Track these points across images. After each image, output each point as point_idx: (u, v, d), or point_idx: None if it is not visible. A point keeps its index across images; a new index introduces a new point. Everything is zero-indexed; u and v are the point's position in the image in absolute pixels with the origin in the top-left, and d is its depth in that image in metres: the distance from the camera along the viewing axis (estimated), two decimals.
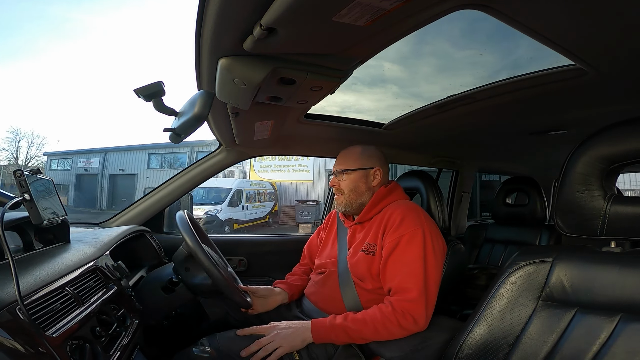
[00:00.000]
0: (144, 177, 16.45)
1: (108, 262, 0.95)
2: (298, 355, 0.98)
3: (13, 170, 0.72)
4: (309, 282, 1.29)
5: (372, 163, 1.21)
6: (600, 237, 0.74)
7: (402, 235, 1.04)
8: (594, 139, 0.76)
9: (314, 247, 1.41)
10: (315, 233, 1.46)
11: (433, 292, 1.01)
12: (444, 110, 1.20)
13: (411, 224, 1.05)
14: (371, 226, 1.14)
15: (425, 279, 0.99)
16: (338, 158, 1.25)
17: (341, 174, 1.21)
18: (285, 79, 0.80)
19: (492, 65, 1.00)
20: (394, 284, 1.01)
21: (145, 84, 0.72)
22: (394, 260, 1.03)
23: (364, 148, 1.24)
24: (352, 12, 0.56)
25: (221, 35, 0.64)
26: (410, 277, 0.99)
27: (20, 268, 0.65)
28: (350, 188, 1.19)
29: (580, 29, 0.67)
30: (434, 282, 1.01)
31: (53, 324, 0.61)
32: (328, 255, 1.26)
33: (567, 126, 1.35)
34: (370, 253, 1.09)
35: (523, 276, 0.82)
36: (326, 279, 1.19)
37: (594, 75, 0.85)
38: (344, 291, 1.12)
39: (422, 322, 0.97)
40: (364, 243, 1.13)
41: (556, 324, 0.75)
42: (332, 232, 1.32)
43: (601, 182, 0.74)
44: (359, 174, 1.20)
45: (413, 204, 1.16)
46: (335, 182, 1.22)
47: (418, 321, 0.96)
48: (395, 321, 0.96)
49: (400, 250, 1.03)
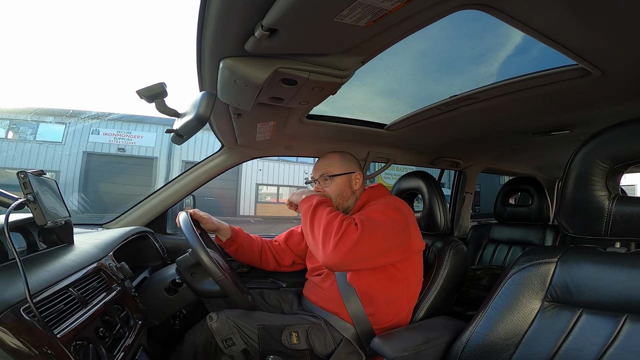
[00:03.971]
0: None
1: (111, 263, 0.96)
2: (296, 339, 1.01)
3: (17, 172, 0.72)
4: (307, 282, 1.29)
5: (353, 167, 1.24)
6: (605, 237, 0.73)
7: (365, 211, 1.09)
8: (597, 139, 0.75)
9: (296, 236, 1.42)
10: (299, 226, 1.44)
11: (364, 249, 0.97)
12: (447, 110, 1.20)
13: (375, 205, 1.10)
14: None
15: (371, 231, 0.97)
16: (318, 164, 1.27)
17: (327, 179, 1.22)
18: (287, 79, 0.80)
19: (494, 65, 0.99)
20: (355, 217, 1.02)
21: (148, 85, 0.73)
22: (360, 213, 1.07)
23: (342, 154, 1.27)
24: (353, 13, 0.56)
25: (223, 36, 0.64)
26: (365, 218, 1.00)
27: (25, 269, 0.65)
28: (337, 193, 1.21)
29: (584, 30, 0.67)
30: (373, 245, 0.98)
31: (58, 325, 0.61)
32: None
33: (570, 126, 1.34)
34: None
35: (527, 277, 0.82)
36: (324, 280, 1.19)
37: (598, 76, 0.84)
38: (343, 291, 1.12)
39: (331, 254, 0.95)
40: None
41: (561, 324, 0.74)
42: None
43: (605, 182, 0.74)
44: (343, 179, 1.22)
45: (389, 197, 1.17)
46: (319, 188, 1.23)
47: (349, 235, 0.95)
48: (337, 224, 0.97)
49: (367, 208, 1.10)
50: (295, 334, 1.02)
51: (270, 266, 1.39)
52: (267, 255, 1.37)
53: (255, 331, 1.03)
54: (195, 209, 1.23)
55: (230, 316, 1.03)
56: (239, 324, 1.03)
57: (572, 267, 0.77)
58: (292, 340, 1.01)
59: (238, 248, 1.30)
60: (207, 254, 0.95)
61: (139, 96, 0.71)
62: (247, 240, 1.32)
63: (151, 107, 0.75)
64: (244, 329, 1.03)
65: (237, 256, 1.34)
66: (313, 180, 1.27)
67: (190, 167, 1.57)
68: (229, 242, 1.28)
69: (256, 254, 1.34)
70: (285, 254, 1.40)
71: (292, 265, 1.42)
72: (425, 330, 1.04)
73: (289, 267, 1.42)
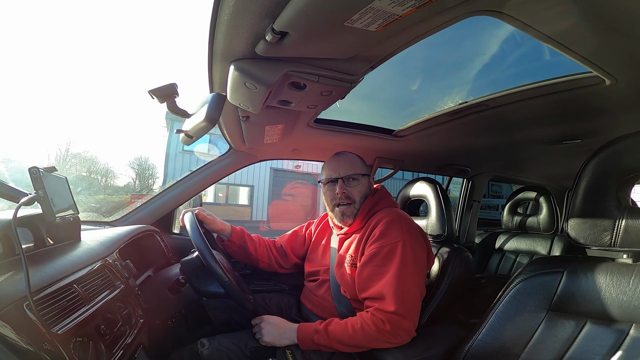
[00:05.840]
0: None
1: (117, 260, 0.96)
2: (291, 356, 0.98)
3: (28, 168, 0.73)
4: (304, 287, 1.27)
5: (367, 169, 1.19)
6: (613, 248, 0.72)
7: (382, 247, 1.01)
8: (609, 149, 0.74)
9: (300, 238, 1.39)
10: (303, 227, 1.43)
11: (412, 303, 0.97)
12: (456, 117, 1.19)
13: (392, 236, 1.02)
14: (356, 235, 1.12)
15: (404, 292, 0.95)
16: (340, 163, 1.16)
17: (354, 180, 1.13)
18: (296, 83, 0.80)
19: (505, 72, 0.98)
20: (371, 293, 0.98)
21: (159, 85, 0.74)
22: (372, 271, 1.00)
23: (355, 154, 1.21)
24: (364, 18, 0.56)
25: (234, 39, 0.65)
26: (387, 288, 0.95)
27: (31, 264, 0.66)
28: (363, 194, 1.14)
29: (598, 37, 0.66)
30: (413, 294, 0.98)
31: (60, 321, 0.61)
32: (320, 263, 1.24)
33: (582, 135, 1.32)
34: (353, 265, 1.08)
35: (533, 286, 0.81)
36: (319, 287, 1.18)
37: (612, 84, 0.83)
38: (337, 299, 1.10)
39: (404, 335, 0.94)
40: (348, 254, 1.11)
41: (565, 333, 0.74)
42: (323, 237, 1.30)
43: (616, 193, 0.73)
44: (367, 180, 1.17)
45: (398, 212, 1.10)
46: (345, 190, 1.12)
47: (399, 333, 0.93)
48: (374, 329, 0.93)
49: (378, 262, 1.00)
50: (289, 352, 0.99)
51: (270, 268, 1.37)
52: (268, 256, 1.34)
53: (248, 354, 1.00)
54: (200, 209, 1.21)
55: (223, 343, 1.00)
56: (231, 351, 0.99)
57: (580, 277, 0.76)
58: (287, 359, 0.99)
59: (239, 249, 1.28)
60: (214, 258, 0.94)
61: (151, 96, 0.72)
62: (249, 241, 1.30)
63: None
64: (236, 356, 0.99)
65: (238, 256, 1.32)
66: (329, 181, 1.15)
67: (198, 168, 1.59)
68: (230, 242, 1.27)
69: (256, 255, 1.32)
70: (286, 256, 1.38)
71: (293, 268, 1.40)
72: (427, 337, 1.02)
73: (289, 269, 1.40)
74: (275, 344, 0.99)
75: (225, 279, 0.94)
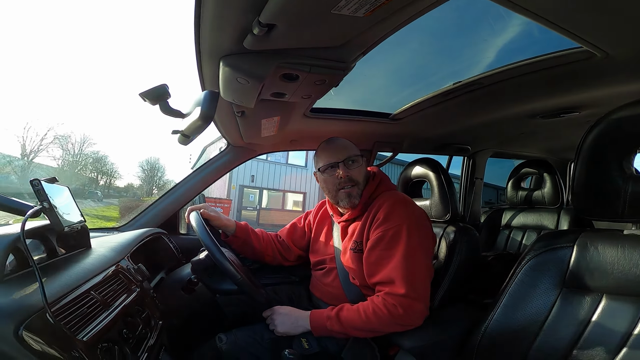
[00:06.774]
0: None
1: (129, 265, 0.98)
2: (307, 344, 1.00)
3: (30, 180, 0.73)
4: (312, 277, 1.28)
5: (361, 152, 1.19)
6: (621, 219, 0.71)
7: (387, 230, 1.02)
8: (609, 118, 0.73)
9: (299, 230, 1.39)
10: (301, 219, 1.42)
11: (422, 284, 0.98)
12: (451, 97, 1.18)
13: (396, 219, 1.02)
14: (358, 222, 1.13)
15: (412, 274, 0.96)
16: (337, 148, 1.14)
17: (354, 162, 1.12)
18: (288, 74, 0.80)
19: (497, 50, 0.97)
20: (380, 277, 0.99)
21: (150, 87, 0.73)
22: (379, 255, 1.01)
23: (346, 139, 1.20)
24: (350, 4, 0.56)
25: (220, 35, 0.65)
26: (395, 272, 0.96)
27: (46, 274, 0.67)
28: (364, 175, 1.15)
29: (586, 12, 0.65)
30: (422, 275, 0.99)
31: (82, 328, 0.62)
32: (324, 252, 1.25)
33: (578, 108, 1.31)
34: (359, 251, 1.09)
35: (544, 262, 0.80)
36: (326, 275, 1.19)
37: (603, 57, 0.82)
38: (346, 288, 1.12)
39: (418, 317, 0.95)
40: (352, 241, 1.11)
41: (581, 310, 0.73)
42: (324, 226, 1.30)
43: (619, 162, 0.71)
44: (364, 161, 1.17)
45: (400, 195, 1.12)
46: (347, 172, 1.11)
47: (411, 315, 0.94)
48: (386, 313, 0.94)
49: (384, 245, 1.01)
50: (304, 340, 1.01)
51: (275, 261, 1.37)
52: (272, 250, 1.35)
53: (265, 346, 1.02)
54: (204, 207, 1.22)
55: (240, 337, 1.03)
56: (248, 344, 1.01)
57: (590, 251, 0.74)
58: (303, 347, 1.00)
59: (243, 243, 1.29)
60: (225, 256, 0.95)
61: (142, 99, 0.72)
62: (252, 236, 1.31)
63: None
64: (255, 348, 1.01)
65: (242, 251, 1.33)
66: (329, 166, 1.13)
67: (199, 167, 1.59)
68: (234, 238, 1.28)
69: (260, 249, 1.32)
70: (289, 249, 1.38)
71: (297, 260, 1.41)
72: (442, 319, 1.03)
73: (293, 262, 1.41)
74: (290, 333, 1.02)
75: (238, 277, 0.95)
